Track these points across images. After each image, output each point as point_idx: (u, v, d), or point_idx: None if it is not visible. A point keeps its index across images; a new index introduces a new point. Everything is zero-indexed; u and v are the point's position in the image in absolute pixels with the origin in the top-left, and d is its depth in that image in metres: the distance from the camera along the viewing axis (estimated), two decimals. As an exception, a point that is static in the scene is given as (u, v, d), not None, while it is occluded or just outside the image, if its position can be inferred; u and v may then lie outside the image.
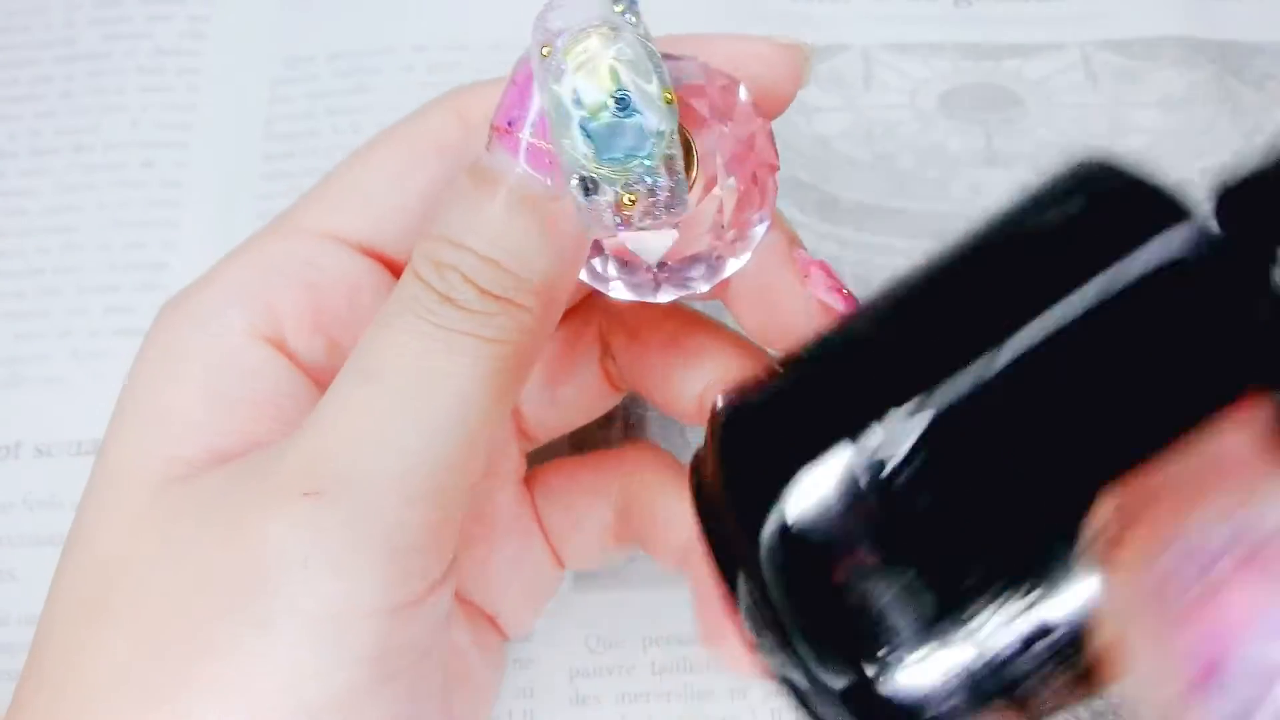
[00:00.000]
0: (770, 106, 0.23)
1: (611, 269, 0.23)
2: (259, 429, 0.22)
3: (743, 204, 0.23)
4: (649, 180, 0.20)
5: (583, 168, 0.20)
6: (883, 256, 0.37)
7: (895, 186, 0.38)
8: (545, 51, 0.20)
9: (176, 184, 0.38)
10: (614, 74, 0.20)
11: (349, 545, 0.19)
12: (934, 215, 0.38)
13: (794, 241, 0.24)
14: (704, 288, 0.23)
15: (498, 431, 0.23)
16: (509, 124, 0.20)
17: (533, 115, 0.20)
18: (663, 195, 0.20)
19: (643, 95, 0.20)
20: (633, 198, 0.20)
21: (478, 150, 0.21)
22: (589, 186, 0.20)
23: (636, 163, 0.20)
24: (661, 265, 0.23)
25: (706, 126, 0.22)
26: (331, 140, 0.38)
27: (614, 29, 0.20)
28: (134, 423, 0.23)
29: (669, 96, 0.20)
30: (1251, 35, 0.41)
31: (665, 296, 0.23)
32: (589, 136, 0.20)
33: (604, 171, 0.20)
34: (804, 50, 0.24)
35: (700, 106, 0.22)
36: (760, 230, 0.23)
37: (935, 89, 0.40)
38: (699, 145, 0.22)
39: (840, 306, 0.23)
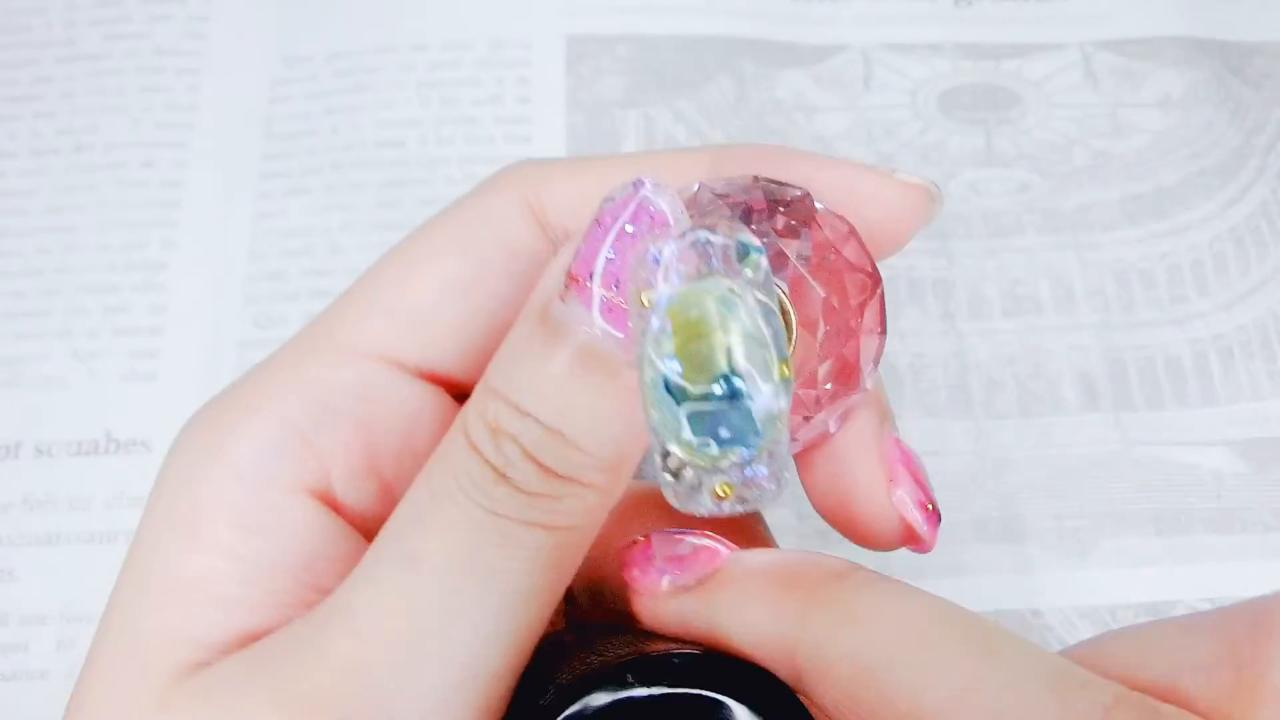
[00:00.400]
0: (879, 250, 0.20)
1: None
2: (295, 599, 0.20)
3: (836, 380, 0.19)
4: (748, 470, 0.17)
5: (672, 447, 0.17)
6: (883, 256, 0.37)
7: (895, 186, 0.38)
8: (645, 301, 0.16)
9: (176, 184, 0.38)
10: (728, 354, 0.16)
11: None
12: (934, 215, 0.38)
13: (885, 418, 0.21)
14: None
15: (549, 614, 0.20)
16: (591, 276, 0.17)
17: (611, 266, 0.17)
18: (763, 484, 0.17)
19: (755, 380, 0.16)
20: (728, 489, 0.17)
21: (549, 288, 0.18)
22: (676, 469, 0.17)
23: (737, 452, 0.16)
24: None
25: (808, 289, 0.18)
26: (331, 140, 0.38)
27: (732, 289, 0.16)
28: (153, 590, 0.20)
29: (786, 371, 0.16)
30: (1251, 35, 0.41)
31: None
32: (686, 420, 0.16)
33: (696, 459, 0.17)
34: (931, 191, 0.21)
35: (802, 263, 0.18)
36: (849, 403, 0.20)
37: (935, 89, 0.40)
38: (797, 312, 0.19)
39: (924, 530, 0.21)
